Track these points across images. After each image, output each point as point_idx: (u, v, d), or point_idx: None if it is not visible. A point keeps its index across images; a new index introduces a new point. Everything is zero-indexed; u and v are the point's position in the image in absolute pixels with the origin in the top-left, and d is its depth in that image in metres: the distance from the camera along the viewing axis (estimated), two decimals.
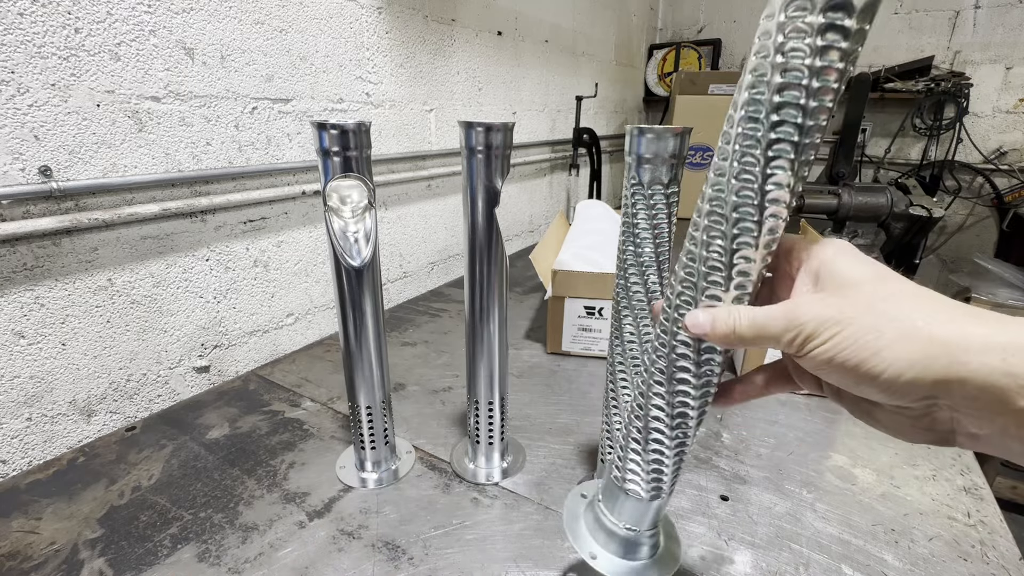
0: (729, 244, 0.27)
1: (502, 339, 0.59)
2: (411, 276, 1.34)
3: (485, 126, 0.50)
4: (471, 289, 0.57)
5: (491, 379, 0.60)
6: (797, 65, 0.23)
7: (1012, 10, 2.05)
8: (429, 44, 1.23)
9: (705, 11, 2.68)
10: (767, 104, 0.24)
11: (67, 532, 0.54)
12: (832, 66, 0.23)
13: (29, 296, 0.66)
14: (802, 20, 0.23)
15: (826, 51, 0.23)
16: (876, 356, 0.22)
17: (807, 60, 0.23)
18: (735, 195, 0.26)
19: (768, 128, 0.25)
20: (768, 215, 0.26)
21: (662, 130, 0.42)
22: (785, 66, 0.24)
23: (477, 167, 0.53)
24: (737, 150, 0.26)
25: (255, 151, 0.89)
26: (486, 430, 0.62)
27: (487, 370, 0.60)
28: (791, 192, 0.26)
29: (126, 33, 0.70)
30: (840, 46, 0.23)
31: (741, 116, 0.25)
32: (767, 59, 0.24)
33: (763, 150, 0.25)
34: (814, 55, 0.23)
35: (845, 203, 1.49)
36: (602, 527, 0.39)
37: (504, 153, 0.52)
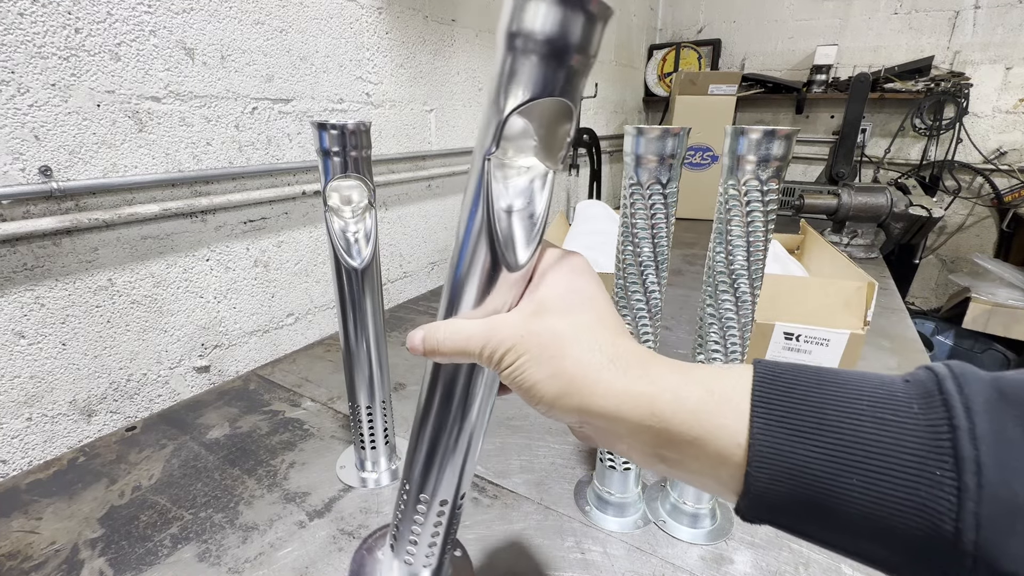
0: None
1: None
2: (411, 276, 1.34)
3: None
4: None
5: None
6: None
7: (1012, 10, 2.05)
8: (429, 44, 1.23)
9: (705, 11, 2.68)
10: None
11: (67, 532, 0.54)
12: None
13: (29, 296, 0.66)
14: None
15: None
16: (536, 387, 0.26)
17: None
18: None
19: None
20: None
21: (661, 130, 0.42)
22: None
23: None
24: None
25: (255, 151, 0.89)
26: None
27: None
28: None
29: (126, 33, 0.70)
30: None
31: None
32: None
33: None
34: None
35: (845, 203, 1.49)
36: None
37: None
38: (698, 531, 0.55)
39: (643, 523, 0.56)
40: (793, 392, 0.22)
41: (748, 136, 0.41)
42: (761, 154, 0.41)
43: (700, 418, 0.23)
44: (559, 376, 0.26)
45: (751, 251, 0.44)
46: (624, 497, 0.57)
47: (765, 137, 0.41)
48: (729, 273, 0.45)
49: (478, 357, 0.28)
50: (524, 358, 0.26)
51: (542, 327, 0.27)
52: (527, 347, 0.26)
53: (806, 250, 1.22)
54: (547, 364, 0.26)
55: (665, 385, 0.24)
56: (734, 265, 0.45)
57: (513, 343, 0.26)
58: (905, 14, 2.24)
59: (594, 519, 0.57)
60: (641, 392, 0.24)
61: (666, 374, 0.25)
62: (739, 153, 0.42)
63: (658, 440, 0.24)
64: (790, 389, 0.22)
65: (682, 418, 0.23)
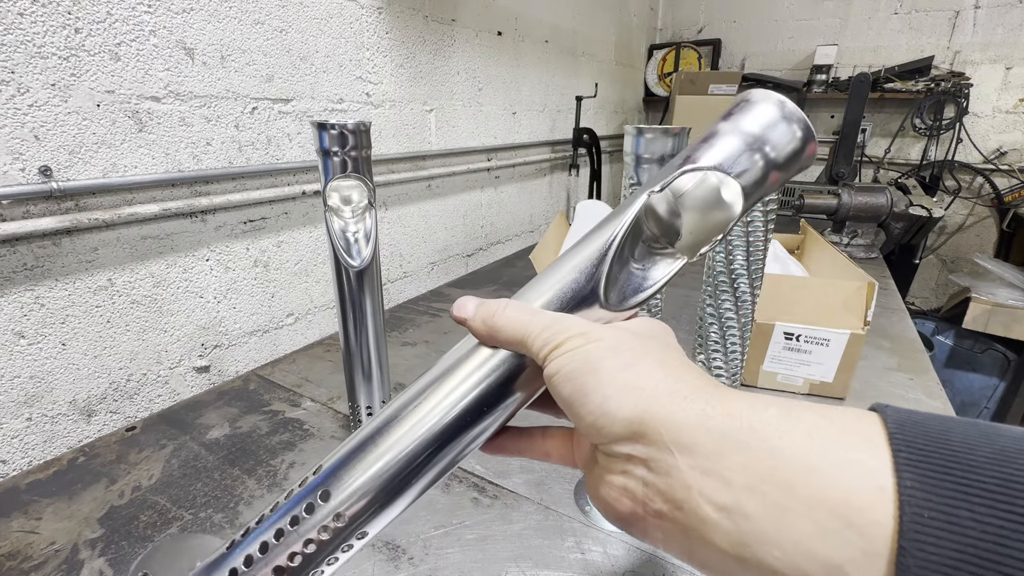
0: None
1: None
2: (411, 276, 1.34)
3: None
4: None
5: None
6: None
7: (1012, 10, 2.05)
8: (429, 44, 1.23)
9: (705, 11, 2.68)
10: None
11: (67, 532, 0.54)
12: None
13: (29, 296, 0.66)
14: None
15: None
16: (595, 374, 0.21)
17: None
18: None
19: None
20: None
21: (660, 130, 0.42)
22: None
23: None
24: None
25: (255, 151, 0.89)
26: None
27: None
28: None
29: (126, 33, 0.70)
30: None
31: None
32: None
33: None
34: None
35: (845, 203, 1.49)
36: None
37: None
38: None
39: None
40: (950, 441, 0.16)
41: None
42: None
43: (817, 443, 0.17)
44: (629, 367, 0.21)
45: (751, 251, 0.44)
46: None
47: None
48: (729, 273, 0.45)
49: (532, 343, 0.23)
50: (589, 347, 0.22)
51: (614, 332, 0.23)
52: (599, 337, 0.22)
53: (806, 250, 1.22)
54: (620, 356, 0.21)
55: (762, 406, 0.19)
56: (734, 265, 0.45)
57: (582, 330, 0.22)
58: (905, 14, 2.24)
59: (594, 519, 0.57)
60: (735, 402, 0.19)
61: (759, 400, 0.19)
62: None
63: (751, 471, 0.17)
64: (943, 436, 0.16)
65: (795, 442, 0.17)
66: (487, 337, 0.24)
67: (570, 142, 1.91)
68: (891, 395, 0.82)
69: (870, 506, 0.15)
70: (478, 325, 0.25)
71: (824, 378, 0.79)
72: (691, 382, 0.20)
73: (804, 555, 0.16)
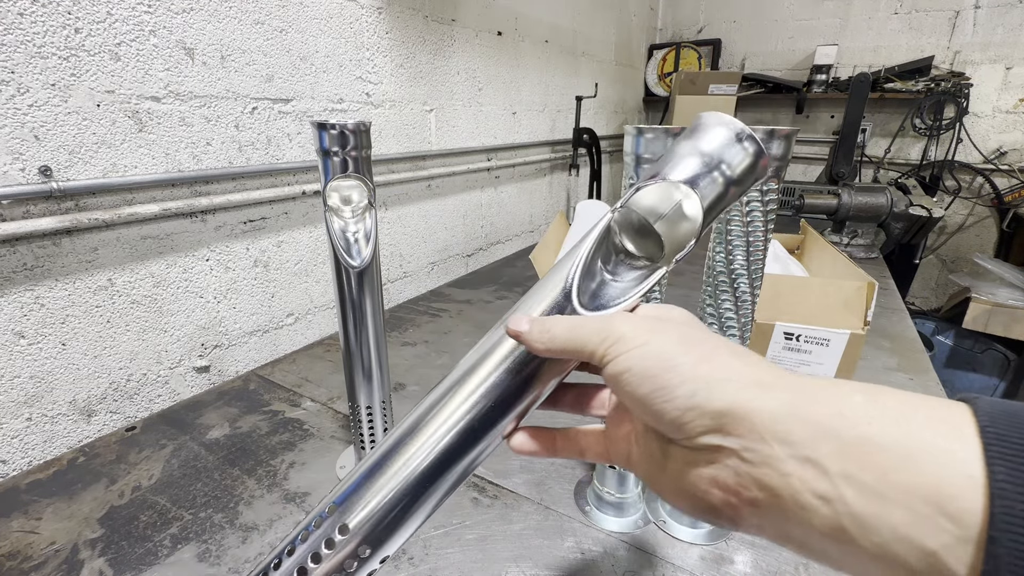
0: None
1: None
2: (411, 276, 1.34)
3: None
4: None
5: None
6: None
7: (1012, 10, 2.05)
8: (429, 44, 1.23)
9: (705, 11, 2.68)
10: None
11: (67, 532, 0.54)
12: None
13: (29, 296, 0.66)
14: None
15: None
16: (674, 369, 0.21)
17: None
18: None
19: None
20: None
21: (660, 130, 0.42)
22: None
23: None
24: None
25: (255, 151, 0.89)
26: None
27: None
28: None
29: (126, 33, 0.70)
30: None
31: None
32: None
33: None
34: None
35: (845, 203, 1.49)
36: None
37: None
38: (698, 531, 0.55)
39: (643, 523, 0.56)
40: None
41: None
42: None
43: (904, 429, 0.17)
44: (708, 360, 0.22)
45: (751, 251, 0.44)
46: (624, 497, 0.57)
47: (765, 137, 0.41)
48: (729, 273, 0.45)
49: (588, 347, 0.24)
50: (656, 345, 0.22)
51: (671, 323, 0.24)
52: (661, 334, 0.23)
53: (806, 250, 1.22)
54: (692, 350, 0.22)
55: (847, 392, 0.19)
56: (734, 265, 0.45)
57: (640, 328, 0.23)
58: (905, 14, 2.24)
59: (594, 519, 0.57)
60: (819, 389, 0.20)
61: (842, 386, 0.20)
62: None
63: (846, 458, 0.18)
64: None
65: (885, 428, 0.18)
66: (543, 349, 0.25)
67: (570, 142, 1.91)
68: None
69: (960, 494, 0.16)
70: (534, 336, 0.25)
71: None
72: (769, 370, 0.21)
73: (901, 541, 0.17)
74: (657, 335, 0.23)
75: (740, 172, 0.27)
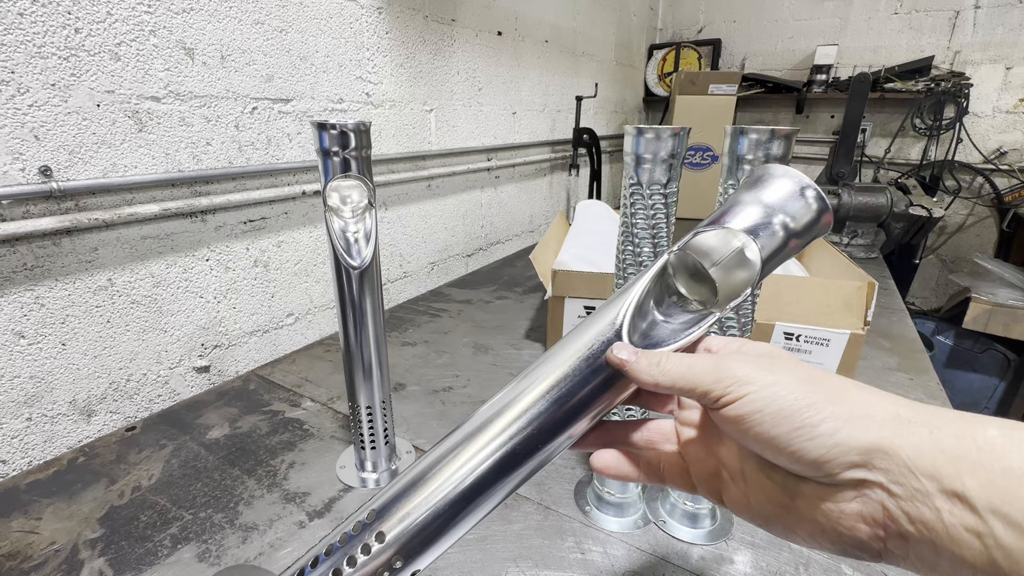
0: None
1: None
2: (411, 276, 1.34)
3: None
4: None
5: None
6: None
7: (1012, 10, 2.05)
8: (429, 44, 1.23)
9: (705, 11, 2.68)
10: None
11: (67, 532, 0.54)
12: None
13: (29, 296, 0.66)
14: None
15: None
16: (812, 407, 0.21)
17: None
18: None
19: None
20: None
21: (661, 130, 0.42)
22: None
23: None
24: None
25: (255, 151, 0.89)
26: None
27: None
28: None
29: (126, 33, 0.70)
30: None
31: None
32: None
33: None
34: None
35: (845, 203, 1.49)
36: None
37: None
38: (698, 531, 0.55)
39: (643, 523, 0.56)
40: None
41: (748, 136, 0.41)
42: (761, 154, 0.41)
43: None
44: (842, 399, 0.21)
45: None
46: (624, 497, 0.57)
47: (765, 137, 0.41)
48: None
49: (704, 388, 0.24)
50: (784, 385, 0.22)
51: (784, 362, 0.24)
52: (784, 374, 0.23)
53: (806, 250, 1.22)
54: (821, 386, 0.22)
55: (981, 425, 0.19)
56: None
57: (759, 369, 0.23)
58: (905, 14, 2.24)
59: (594, 519, 0.57)
60: (955, 423, 0.20)
61: (976, 420, 0.20)
62: (739, 153, 0.42)
63: (992, 491, 0.18)
64: None
65: (1021, 460, 0.18)
66: (651, 383, 0.25)
67: (570, 142, 1.91)
68: None
69: None
70: (642, 368, 0.25)
71: None
72: (904, 405, 0.21)
73: None
74: (780, 374, 0.23)
75: (802, 226, 0.27)
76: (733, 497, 0.26)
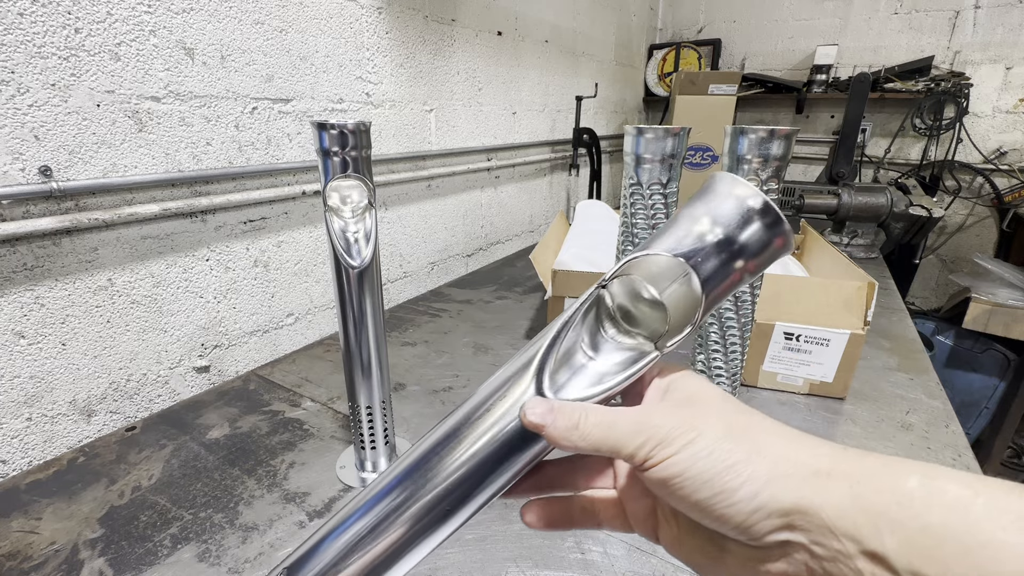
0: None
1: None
2: (411, 276, 1.34)
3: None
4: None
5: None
6: None
7: (1012, 10, 2.05)
8: (429, 44, 1.23)
9: (705, 11, 2.68)
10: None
11: (67, 532, 0.54)
12: None
13: (29, 296, 0.66)
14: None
15: None
16: (731, 470, 0.20)
17: None
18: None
19: None
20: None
21: (661, 130, 0.42)
22: None
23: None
24: None
25: (255, 151, 0.89)
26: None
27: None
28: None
29: (126, 33, 0.70)
30: None
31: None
32: None
33: None
34: None
35: (845, 203, 1.49)
36: None
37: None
38: None
39: None
40: None
41: (748, 136, 0.41)
42: (761, 154, 0.41)
43: (964, 519, 0.17)
44: (766, 454, 0.21)
45: None
46: None
47: (765, 137, 0.41)
48: None
49: (625, 449, 0.22)
50: (706, 440, 0.21)
51: (711, 408, 0.23)
52: (707, 426, 0.22)
53: (806, 250, 1.22)
54: (743, 441, 0.21)
55: (903, 475, 0.19)
56: None
57: (682, 422, 0.22)
58: (905, 14, 2.24)
59: None
60: (876, 477, 0.19)
61: (899, 468, 0.20)
62: (739, 153, 0.42)
63: (911, 550, 0.18)
64: None
65: (944, 518, 0.18)
66: (570, 447, 0.24)
67: (570, 142, 1.91)
68: (891, 395, 0.82)
69: None
70: (560, 434, 0.23)
71: (824, 378, 0.79)
72: (825, 455, 0.21)
73: None
74: (702, 429, 0.22)
75: (751, 250, 0.23)
76: (667, 538, 0.26)
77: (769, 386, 0.83)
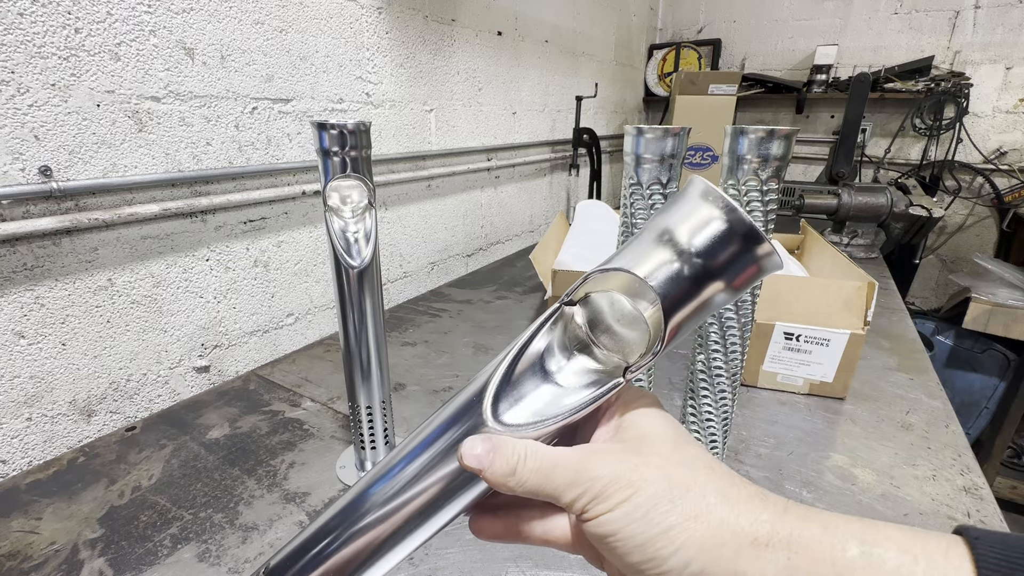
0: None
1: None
2: (411, 276, 1.34)
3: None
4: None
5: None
6: None
7: (1012, 10, 2.05)
8: (429, 44, 1.23)
9: (705, 11, 2.68)
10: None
11: (67, 532, 0.54)
12: None
13: (29, 296, 0.66)
14: None
15: None
16: (665, 536, 0.20)
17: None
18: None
19: None
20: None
21: (661, 130, 0.42)
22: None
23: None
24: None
25: (255, 151, 0.89)
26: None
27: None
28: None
29: (126, 33, 0.70)
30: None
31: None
32: None
33: None
34: None
35: (845, 203, 1.49)
36: None
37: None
38: None
39: None
40: None
41: (748, 136, 0.41)
42: (761, 154, 0.41)
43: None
44: (703, 518, 0.20)
45: None
46: None
47: (765, 137, 0.41)
48: None
49: (564, 498, 0.22)
50: (643, 496, 0.20)
51: (657, 454, 0.22)
52: (646, 480, 0.21)
53: (806, 250, 1.22)
54: (681, 502, 0.20)
55: (840, 544, 0.19)
56: None
57: (621, 474, 0.21)
58: (905, 14, 2.24)
59: None
60: (814, 544, 0.19)
61: (836, 534, 0.19)
62: (739, 153, 0.42)
63: None
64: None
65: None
66: (510, 492, 0.23)
67: (570, 142, 1.91)
68: (891, 395, 0.82)
69: None
70: (497, 479, 0.23)
71: (824, 378, 0.79)
72: (765, 521, 0.20)
73: None
74: (639, 486, 0.21)
75: (721, 267, 0.20)
76: (611, 571, 0.25)
77: (769, 386, 0.83)
